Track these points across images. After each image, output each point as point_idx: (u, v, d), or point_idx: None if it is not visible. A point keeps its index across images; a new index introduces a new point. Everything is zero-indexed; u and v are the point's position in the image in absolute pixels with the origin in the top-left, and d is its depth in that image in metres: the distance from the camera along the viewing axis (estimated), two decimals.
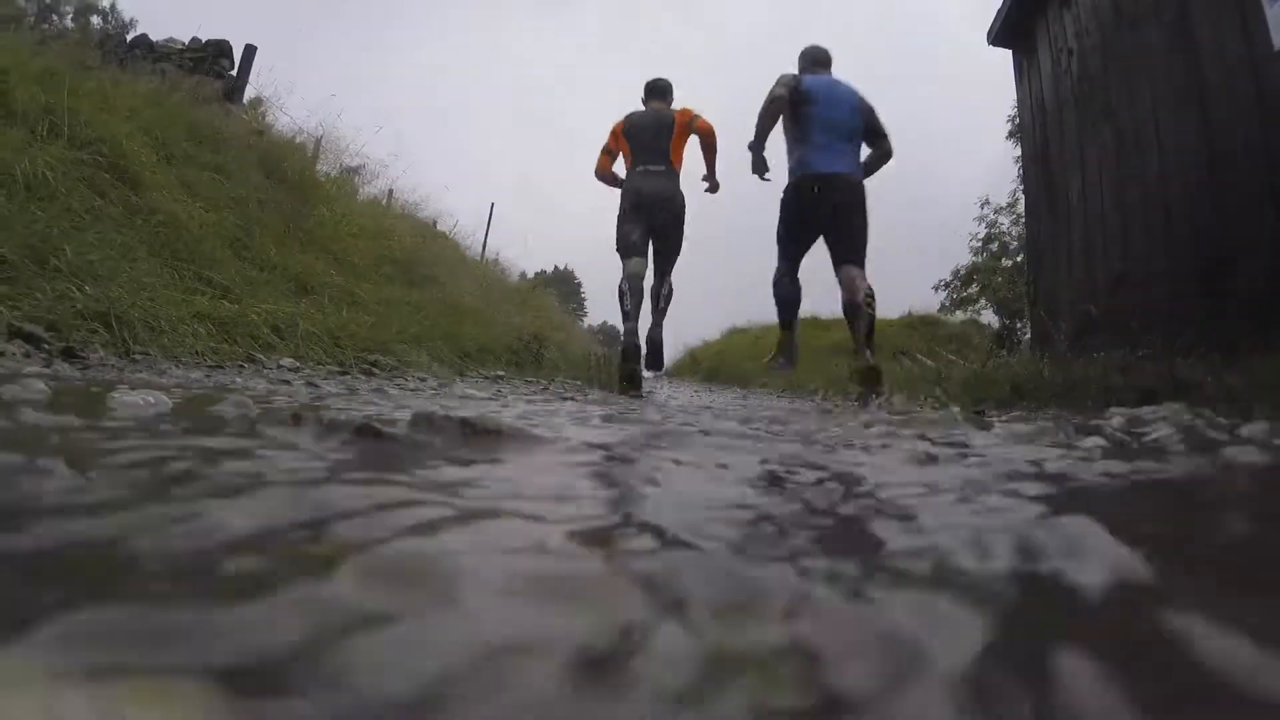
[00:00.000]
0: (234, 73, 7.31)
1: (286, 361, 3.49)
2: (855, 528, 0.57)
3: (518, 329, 7.33)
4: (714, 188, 4.41)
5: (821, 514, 0.59)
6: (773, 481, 0.77)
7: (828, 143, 3.53)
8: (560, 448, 0.90)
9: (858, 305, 3.45)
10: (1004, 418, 1.78)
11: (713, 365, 14.10)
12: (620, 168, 4.32)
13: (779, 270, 3.80)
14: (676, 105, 4.42)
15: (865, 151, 3.82)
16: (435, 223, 10.88)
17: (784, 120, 3.66)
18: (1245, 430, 1.17)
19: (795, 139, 3.62)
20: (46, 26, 10.09)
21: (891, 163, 3.98)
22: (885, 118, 3.83)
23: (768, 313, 4.51)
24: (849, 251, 3.56)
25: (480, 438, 0.84)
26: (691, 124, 4.14)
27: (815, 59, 3.84)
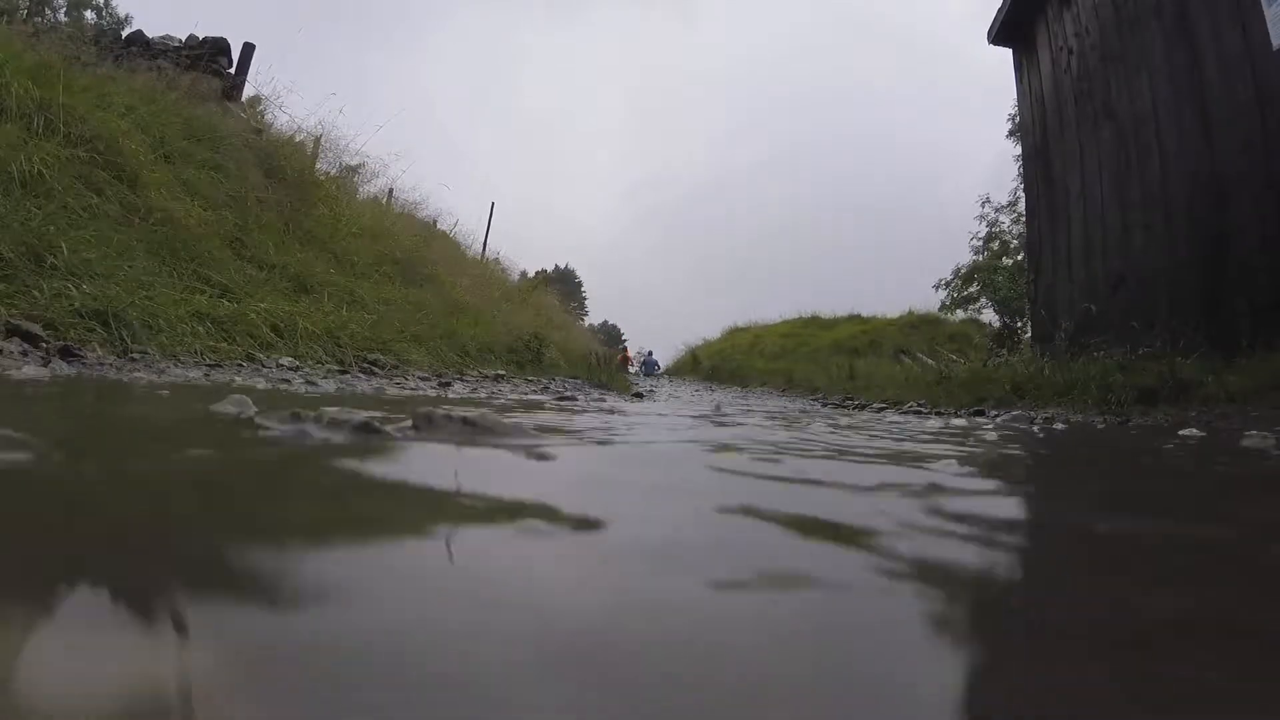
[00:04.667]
0: (232, 70, 7.25)
1: (286, 360, 3.47)
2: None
3: (518, 328, 7.31)
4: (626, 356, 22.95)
5: None
6: None
7: (644, 357, 25.85)
8: None
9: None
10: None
11: (713, 364, 14.13)
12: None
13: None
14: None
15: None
16: (435, 222, 10.84)
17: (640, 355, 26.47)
18: None
19: (638, 354, 27.00)
20: (39, 20, 9.98)
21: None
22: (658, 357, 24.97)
23: (767, 312, 7.71)
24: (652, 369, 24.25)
25: None
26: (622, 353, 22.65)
27: (648, 352, 27.25)
